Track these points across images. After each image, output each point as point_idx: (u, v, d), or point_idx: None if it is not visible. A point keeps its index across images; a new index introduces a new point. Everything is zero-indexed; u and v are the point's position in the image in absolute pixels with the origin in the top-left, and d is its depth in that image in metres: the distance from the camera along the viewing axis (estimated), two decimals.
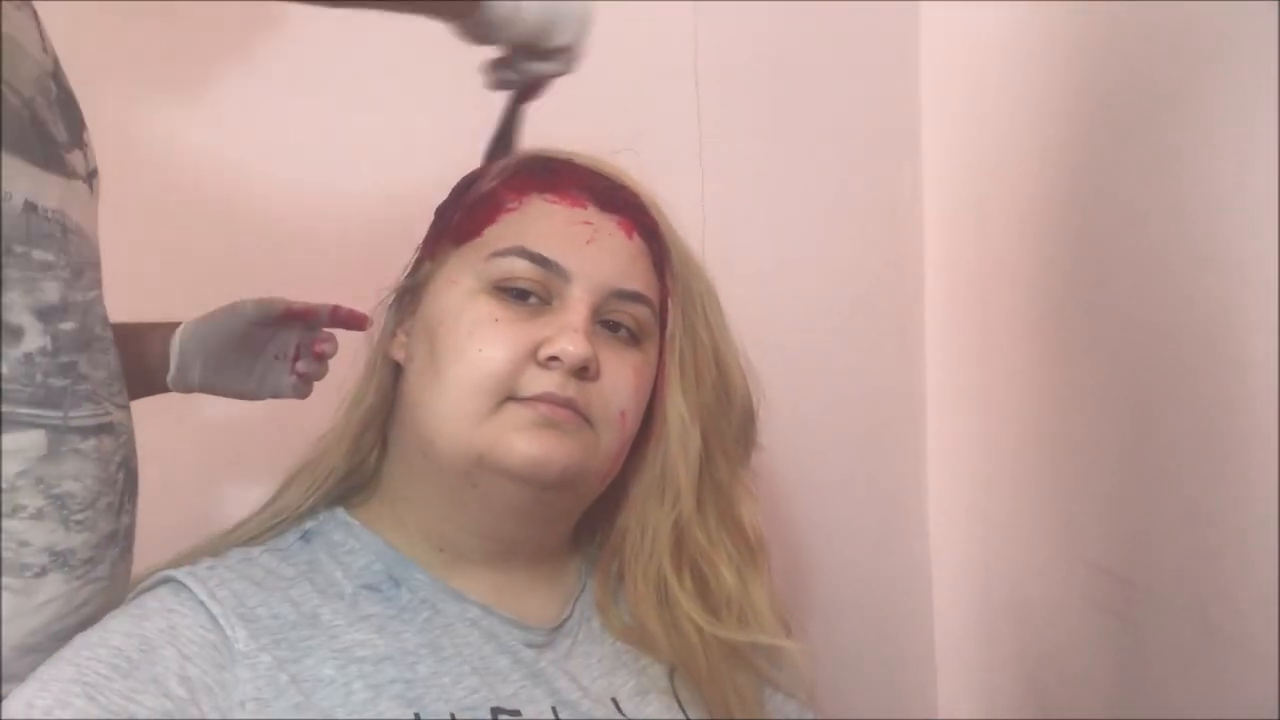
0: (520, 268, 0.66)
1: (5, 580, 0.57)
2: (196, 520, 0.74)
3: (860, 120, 1.29)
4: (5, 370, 0.57)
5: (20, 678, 0.56)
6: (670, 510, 0.70)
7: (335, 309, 0.84)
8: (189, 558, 0.65)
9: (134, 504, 0.68)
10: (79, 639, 0.57)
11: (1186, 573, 0.93)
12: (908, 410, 1.33)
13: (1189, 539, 0.93)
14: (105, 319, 0.66)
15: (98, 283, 0.64)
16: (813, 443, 1.24)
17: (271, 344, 0.84)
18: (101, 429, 0.63)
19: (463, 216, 0.71)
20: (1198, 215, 0.91)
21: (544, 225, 0.68)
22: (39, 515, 0.58)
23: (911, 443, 1.33)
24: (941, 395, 1.32)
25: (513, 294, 0.66)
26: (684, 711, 0.68)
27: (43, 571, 0.58)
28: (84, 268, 0.63)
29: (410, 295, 0.72)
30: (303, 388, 0.87)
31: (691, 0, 1.20)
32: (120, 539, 0.65)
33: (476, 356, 0.64)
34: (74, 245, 0.61)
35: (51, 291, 0.59)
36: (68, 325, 0.61)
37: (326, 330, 0.86)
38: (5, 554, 0.57)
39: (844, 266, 1.28)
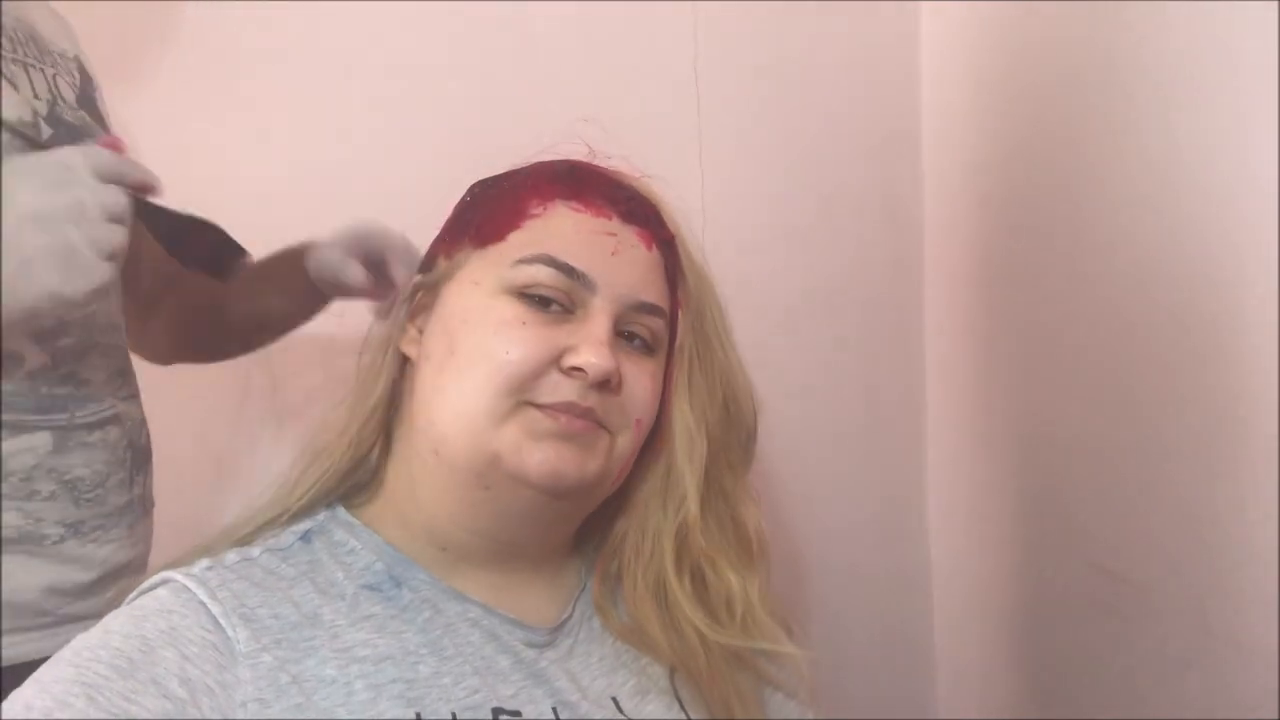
0: (546, 275, 0.66)
1: (29, 546, 0.70)
2: (188, 520, 0.74)
3: (860, 120, 1.29)
4: (10, 387, 0.67)
5: (91, 615, 0.65)
6: (674, 515, 0.70)
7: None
8: (188, 558, 0.65)
9: (146, 475, 0.80)
10: (78, 640, 0.57)
11: (1186, 573, 0.93)
12: (908, 410, 1.33)
13: (1189, 539, 0.93)
14: (113, 316, 0.71)
15: (107, 290, 0.65)
16: (813, 443, 1.24)
17: None
18: (106, 421, 0.74)
19: (485, 219, 0.70)
20: (1197, 215, 0.91)
21: (570, 234, 0.68)
22: (52, 497, 0.71)
23: (911, 443, 1.33)
24: (941, 396, 1.32)
25: (535, 300, 0.66)
26: (684, 711, 0.68)
27: (61, 539, 0.72)
28: None
29: (425, 291, 0.72)
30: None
31: (691, 0, 1.20)
32: (135, 506, 0.78)
33: (503, 357, 0.64)
34: None
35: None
36: (66, 341, 0.70)
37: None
38: (27, 526, 0.70)
39: (844, 267, 1.28)
